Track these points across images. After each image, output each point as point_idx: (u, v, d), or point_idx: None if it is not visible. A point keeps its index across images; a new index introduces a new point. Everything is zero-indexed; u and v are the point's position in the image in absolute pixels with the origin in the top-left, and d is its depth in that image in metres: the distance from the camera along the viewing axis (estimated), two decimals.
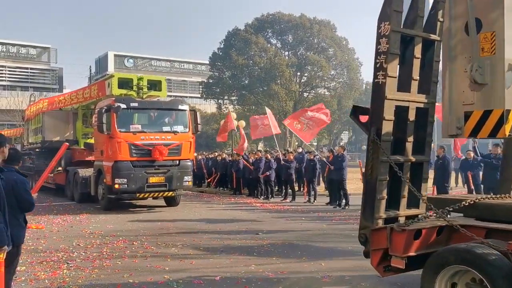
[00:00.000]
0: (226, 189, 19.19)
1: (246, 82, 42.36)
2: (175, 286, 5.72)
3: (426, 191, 5.05)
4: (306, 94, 44.83)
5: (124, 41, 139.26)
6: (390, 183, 4.64)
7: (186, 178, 13.44)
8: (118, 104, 12.68)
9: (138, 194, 13.03)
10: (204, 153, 23.93)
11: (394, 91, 4.54)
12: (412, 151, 4.81)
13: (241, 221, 11.19)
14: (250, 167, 16.67)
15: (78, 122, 17.32)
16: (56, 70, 54.52)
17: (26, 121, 21.28)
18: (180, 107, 13.87)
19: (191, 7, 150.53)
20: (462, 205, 4.34)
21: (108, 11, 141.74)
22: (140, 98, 13.63)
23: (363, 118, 4.91)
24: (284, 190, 16.03)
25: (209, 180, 20.28)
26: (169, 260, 7.14)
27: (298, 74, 43.42)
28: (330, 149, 16.21)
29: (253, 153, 18.51)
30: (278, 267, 6.57)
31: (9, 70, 51.09)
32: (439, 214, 4.30)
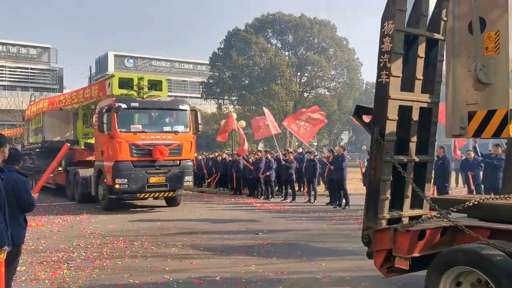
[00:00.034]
0: (226, 189, 19.19)
1: (246, 82, 42.38)
2: (175, 286, 5.72)
3: (430, 192, 5.01)
4: (306, 94, 44.86)
5: (124, 41, 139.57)
6: (393, 184, 4.60)
7: (186, 178, 13.43)
8: (119, 104, 12.66)
9: (138, 194, 13.01)
10: (204, 153, 23.93)
11: (397, 91, 4.50)
12: (415, 151, 4.76)
13: (241, 221, 11.19)
14: (250, 167, 16.67)
15: (78, 122, 17.31)
16: (56, 70, 54.55)
17: (27, 121, 21.28)
18: (180, 107, 13.86)
19: (191, 7, 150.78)
20: (466, 205, 4.29)
21: (108, 11, 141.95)
22: (140, 98, 13.61)
23: (366, 118, 4.86)
24: (284, 190, 16.03)
25: (209, 180, 20.27)
26: (169, 260, 7.14)
27: (298, 74, 43.44)
28: (330, 149, 16.21)
29: (253, 153, 18.50)
30: (278, 267, 6.57)
31: (9, 70, 51.13)
32: (444, 215, 4.25)
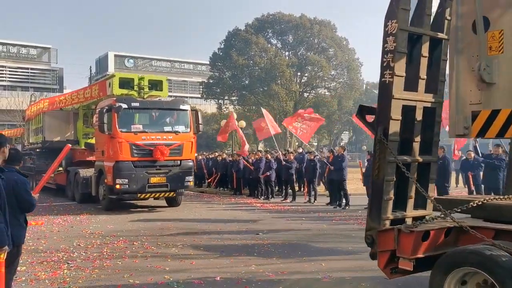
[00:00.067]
0: (226, 189, 19.19)
1: (247, 82, 42.38)
2: (176, 286, 5.72)
3: (434, 192, 4.98)
4: (306, 94, 44.86)
5: (124, 41, 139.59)
6: (396, 184, 4.56)
7: (187, 178, 13.41)
8: (119, 104, 12.64)
9: (139, 195, 13.00)
10: (204, 153, 23.93)
11: (401, 90, 4.46)
12: (419, 151, 4.72)
13: (241, 221, 11.19)
14: (251, 167, 16.67)
15: (79, 122, 17.31)
16: (56, 70, 54.57)
17: (27, 121, 21.28)
18: (181, 107, 13.85)
19: (191, 7, 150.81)
20: (470, 206, 4.25)
21: (108, 11, 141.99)
22: (141, 98, 13.61)
23: (369, 118, 4.82)
24: (284, 191, 16.04)
25: (209, 180, 20.27)
26: (169, 260, 7.14)
27: (299, 74, 43.43)
28: (330, 149, 16.22)
29: (253, 153, 18.50)
30: (279, 267, 6.57)
31: (9, 70, 51.14)
32: (448, 216, 4.20)
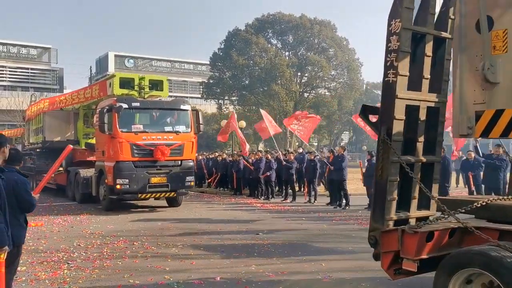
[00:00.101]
0: (226, 189, 19.19)
1: (247, 82, 42.39)
2: (176, 287, 5.72)
3: (437, 193, 4.90)
4: (306, 95, 44.86)
5: (124, 41, 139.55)
6: (400, 184, 4.53)
7: (188, 178, 13.40)
8: (120, 104, 12.62)
9: (140, 195, 12.97)
10: (204, 153, 23.94)
11: (404, 90, 4.42)
12: (422, 151, 4.68)
13: (241, 221, 11.19)
14: (251, 168, 16.67)
15: (79, 122, 17.31)
16: (56, 71, 54.60)
17: (27, 121, 21.28)
18: (182, 107, 13.82)
19: (191, 7, 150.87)
20: (474, 206, 4.22)
21: (108, 11, 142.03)
22: (141, 98, 13.59)
23: (373, 118, 4.78)
24: (284, 191, 16.04)
25: (209, 180, 20.27)
26: (169, 260, 7.14)
27: (299, 74, 43.43)
28: (331, 149, 16.22)
29: (253, 153, 18.51)
30: (279, 268, 6.57)
31: (9, 71, 51.16)
32: (453, 216, 4.17)
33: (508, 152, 14.10)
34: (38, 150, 19.02)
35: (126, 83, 13.66)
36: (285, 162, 15.67)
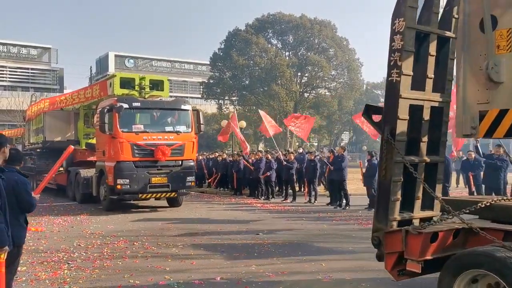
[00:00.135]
0: (226, 189, 19.19)
1: (247, 82, 42.41)
2: (176, 287, 5.72)
3: (441, 193, 4.86)
4: (306, 95, 44.86)
5: (124, 41, 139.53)
6: (403, 184, 4.48)
7: (188, 178, 13.39)
8: (121, 104, 12.61)
9: (140, 195, 12.97)
10: (204, 153, 23.94)
11: (408, 90, 4.37)
12: (426, 151, 4.64)
13: (241, 221, 11.19)
14: (251, 168, 16.67)
15: (79, 122, 17.31)
16: (57, 71, 54.59)
17: (27, 121, 21.29)
18: (182, 107, 13.81)
19: (191, 7, 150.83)
20: (478, 207, 4.18)
21: (108, 11, 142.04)
22: (142, 98, 13.59)
23: (376, 118, 4.75)
24: (284, 191, 16.05)
25: (209, 180, 20.27)
26: (169, 260, 7.15)
27: (299, 74, 43.44)
28: (331, 149, 16.23)
29: (253, 153, 18.51)
30: (279, 268, 6.57)
31: (10, 71, 51.15)
32: (458, 217, 4.12)
33: (508, 152, 14.11)
34: (38, 150, 19.02)
35: (126, 83, 13.66)
36: (285, 162, 15.67)
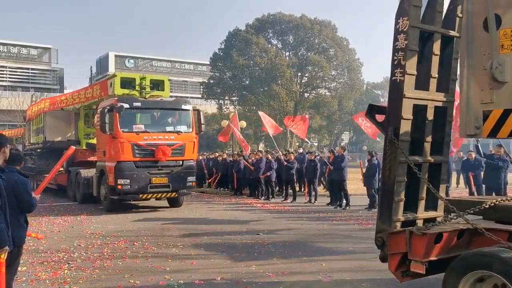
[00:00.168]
0: (226, 189, 19.19)
1: (247, 82, 42.39)
2: (176, 287, 5.73)
3: (444, 193, 4.84)
4: (306, 95, 44.85)
5: (124, 41, 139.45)
6: (407, 185, 4.45)
7: (189, 178, 13.38)
8: (121, 103, 12.60)
9: (141, 195, 12.96)
10: (204, 153, 23.94)
11: (412, 89, 4.35)
12: (430, 152, 4.61)
13: (241, 221, 11.19)
14: (251, 168, 16.67)
15: (80, 122, 17.31)
16: (57, 71, 54.55)
17: (28, 121, 21.28)
18: (183, 107, 13.79)
19: (191, 7, 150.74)
20: (482, 207, 4.14)
21: (108, 11, 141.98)
22: (143, 98, 13.57)
23: (379, 118, 4.70)
24: (284, 191, 16.05)
25: (210, 180, 20.28)
26: (170, 260, 7.15)
27: (299, 74, 43.43)
28: (331, 149, 16.23)
29: (253, 153, 18.52)
30: (279, 268, 6.57)
31: (10, 71, 51.11)
32: (463, 217, 4.10)
33: (508, 152, 14.10)
34: (38, 150, 19.01)
35: (127, 83, 13.65)
36: (286, 163, 15.68)
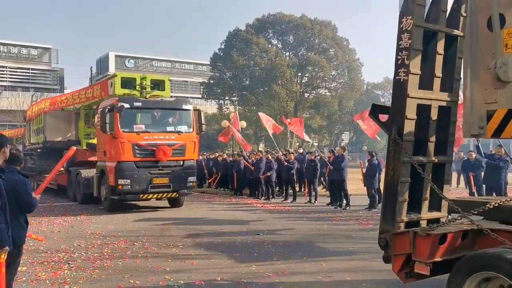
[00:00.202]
0: (227, 189, 19.19)
1: (247, 82, 42.39)
2: (176, 287, 5.73)
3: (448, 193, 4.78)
4: (307, 95, 44.84)
5: (124, 41, 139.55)
6: (410, 185, 4.41)
7: (190, 178, 13.37)
8: (122, 103, 12.58)
9: (141, 195, 12.95)
10: (205, 153, 23.93)
11: (416, 89, 4.30)
12: (434, 152, 4.57)
13: (242, 221, 11.19)
14: (251, 168, 16.67)
15: (80, 122, 17.31)
16: (57, 71, 54.54)
17: (28, 121, 21.28)
18: (184, 107, 13.77)
19: (191, 7, 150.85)
20: (486, 208, 4.09)
21: (108, 11, 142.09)
22: (143, 98, 13.56)
23: (382, 117, 4.71)
24: (285, 191, 16.05)
25: (210, 180, 20.27)
26: (170, 260, 7.15)
27: (299, 74, 43.43)
28: (331, 149, 16.23)
29: (254, 153, 18.51)
30: (279, 268, 6.57)
31: (10, 71, 51.09)
32: (468, 218, 4.06)
33: (508, 152, 14.09)
34: (39, 150, 19.00)
35: (127, 83, 13.64)
36: (286, 163, 15.68)
